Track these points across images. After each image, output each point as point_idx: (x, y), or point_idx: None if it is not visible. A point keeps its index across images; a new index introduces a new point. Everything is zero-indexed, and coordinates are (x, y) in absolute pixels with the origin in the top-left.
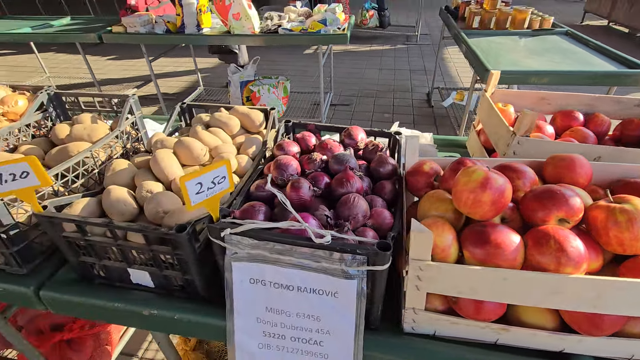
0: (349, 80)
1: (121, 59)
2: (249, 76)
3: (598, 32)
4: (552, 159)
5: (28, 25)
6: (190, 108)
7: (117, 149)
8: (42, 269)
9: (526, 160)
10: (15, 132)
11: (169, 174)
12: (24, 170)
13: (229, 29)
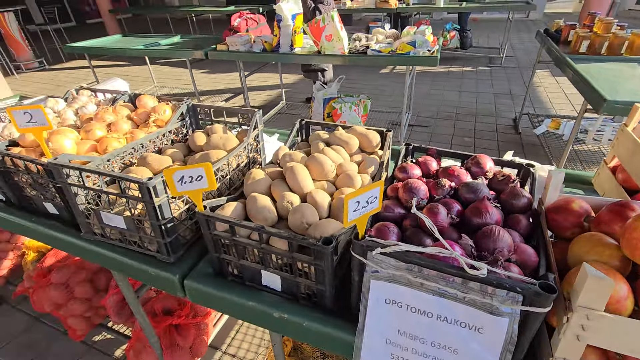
0: (427, 102)
1: (213, 73)
2: (332, 94)
3: None
4: None
5: (142, 42)
6: (307, 125)
7: (244, 158)
8: (184, 260)
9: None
10: (161, 136)
11: (304, 187)
12: (199, 174)
13: (320, 49)
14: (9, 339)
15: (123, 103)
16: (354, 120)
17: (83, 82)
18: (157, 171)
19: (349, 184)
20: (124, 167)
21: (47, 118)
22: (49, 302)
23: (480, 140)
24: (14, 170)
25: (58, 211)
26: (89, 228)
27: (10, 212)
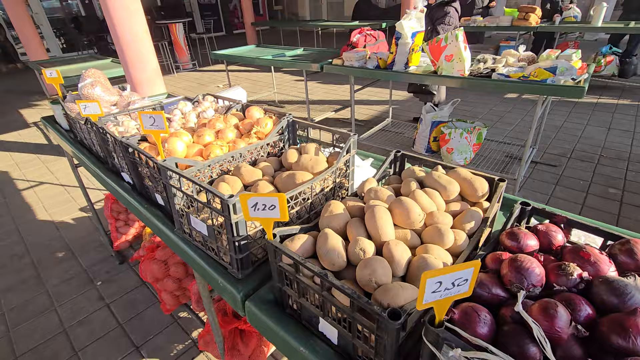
0: (560, 136)
1: (327, 83)
2: (443, 117)
3: None
4: None
5: (270, 53)
6: (403, 157)
7: (330, 183)
8: (250, 279)
9: None
10: (259, 148)
11: (382, 235)
12: (273, 203)
13: (437, 69)
14: (122, 293)
15: (235, 112)
16: (464, 149)
17: (220, 83)
18: (247, 182)
19: (438, 240)
20: (221, 174)
21: (165, 123)
22: (150, 274)
23: (633, 195)
24: (139, 162)
25: (164, 204)
26: (181, 226)
27: (132, 195)
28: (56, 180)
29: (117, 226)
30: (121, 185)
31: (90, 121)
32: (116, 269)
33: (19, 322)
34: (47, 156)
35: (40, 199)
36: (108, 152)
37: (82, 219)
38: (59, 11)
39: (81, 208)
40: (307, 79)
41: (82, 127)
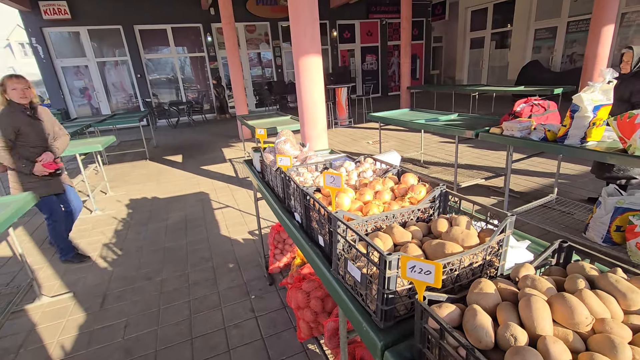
0: None
1: (478, 148)
2: (633, 204)
3: None
4: None
5: (423, 117)
6: (570, 249)
7: (478, 258)
8: (391, 331)
9: None
10: (410, 212)
11: (538, 327)
12: (429, 269)
13: (627, 148)
14: (267, 311)
15: (391, 175)
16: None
17: (370, 139)
18: (397, 242)
19: (609, 352)
20: (375, 229)
21: (342, 183)
22: (295, 300)
23: None
24: (312, 207)
25: (324, 245)
26: (337, 267)
27: (300, 232)
28: (237, 205)
29: (275, 253)
30: (292, 222)
31: (280, 170)
32: (266, 288)
33: (198, 310)
34: (233, 186)
35: (225, 219)
36: (287, 195)
37: (248, 240)
38: (258, 77)
39: (249, 231)
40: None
41: (273, 172)
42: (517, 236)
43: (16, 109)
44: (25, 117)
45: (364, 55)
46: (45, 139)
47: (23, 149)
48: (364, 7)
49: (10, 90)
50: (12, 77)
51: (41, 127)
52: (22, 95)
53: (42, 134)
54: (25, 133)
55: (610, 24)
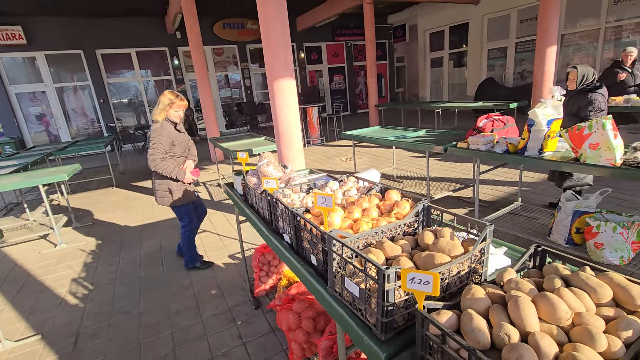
0: None
1: (447, 161)
2: (589, 207)
3: None
4: None
5: (394, 134)
6: (544, 252)
7: (465, 267)
8: (392, 342)
9: None
10: (397, 227)
11: (527, 325)
12: (427, 280)
13: (579, 157)
14: (256, 336)
15: (375, 193)
16: (619, 246)
17: (343, 157)
18: (388, 256)
19: (588, 342)
20: (366, 246)
21: (334, 204)
22: (285, 322)
23: None
24: (302, 227)
25: (317, 264)
26: (333, 285)
27: (291, 253)
28: (214, 229)
29: (260, 275)
30: (282, 243)
31: (267, 192)
32: (252, 312)
33: (182, 341)
34: (210, 210)
35: (203, 244)
36: (274, 216)
37: (230, 264)
38: (227, 99)
39: (230, 255)
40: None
41: (257, 195)
42: (495, 243)
43: (169, 124)
44: (174, 130)
45: (332, 75)
46: (184, 149)
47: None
48: (330, 30)
49: (174, 110)
50: (178, 98)
51: (183, 139)
52: (180, 117)
53: (183, 146)
54: (176, 145)
55: (552, 44)
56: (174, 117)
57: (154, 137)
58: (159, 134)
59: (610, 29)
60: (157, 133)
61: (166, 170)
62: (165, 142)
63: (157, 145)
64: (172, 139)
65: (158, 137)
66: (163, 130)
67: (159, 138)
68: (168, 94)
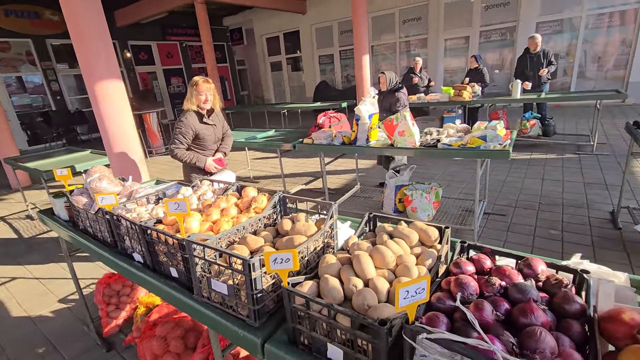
0: (505, 189)
1: (298, 157)
2: (404, 181)
3: None
4: None
5: (244, 136)
6: (375, 218)
7: (320, 243)
8: (265, 327)
9: None
10: (258, 221)
11: (367, 274)
12: (288, 257)
13: (393, 143)
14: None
15: (232, 192)
16: (425, 207)
17: None
18: (252, 249)
19: (407, 274)
20: (229, 244)
21: (188, 207)
22: (150, 351)
23: (571, 234)
24: (156, 241)
25: (178, 275)
26: (200, 291)
27: (146, 272)
28: (30, 274)
29: (108, 311)
30: (133, 265)
31: (103, 211)
32: (103, 356)
33: None
34: (18, 250)
35: (13, 295)
36: (119, 237)
37: (61, 310)
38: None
39: (60, 299)
40: (280, 155)
41: (92, 216)
42: (341, 220)
43: (193, 115)
44: (198, 122)
45: (168, 77)
46: (213, 142)
47: (199, 149)
48: (159, 28)
49: (198, 97)
50: (202, 80)
51: (210, 132)
52: (206, 101)
53: (212, 139)
54: (201, 137)
55: (365, 53)
56: (200, 104)
57: (175, 128)
58: (177, 125)
59: (403, 42)
60: (177, 124)
61: (184, 156)
62: (185, 133)
63: (176, 135)
64: (196, 131)
65: (177, 127)
66: (184, 120)
67: (179, 129)
68: (194, 78)
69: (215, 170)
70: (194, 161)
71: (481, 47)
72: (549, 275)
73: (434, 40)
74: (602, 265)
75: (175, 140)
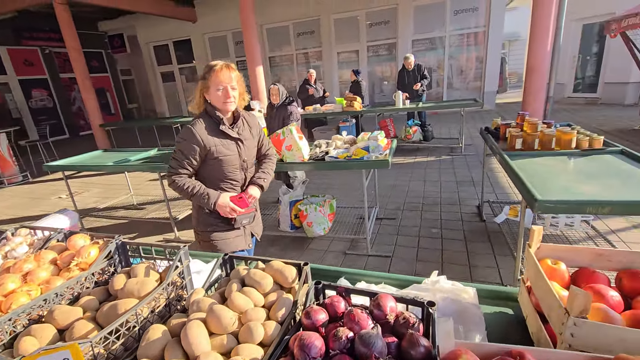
0: (394, 194)
1: None
2: (298, 196)
3: None
4: None
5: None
6: (231, 259)
7: (162, 301)
8: None
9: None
10: (82, 280)
11: (196, 350)
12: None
13: (282, 158)
14: None
15: (55, 243)
16: (320, 220)
17: (63, 194)
18: (62, 327)
19: (249, 338)
20: (29, 324)
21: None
22: None
23: (447, 230)
24: None
25: None
26: None
27: None
28: None
29: None
30: None
31: None
32: None
33: None
34: None
35: None
36: None
37: None
38: None
39: None
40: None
41: None
42: (209, 258)
43: (209, 120)
44: (215, 131)
45: (28, 89)
46: (243, 167)
47: (210, 180)
48: (10, 31)
49: (214, 93)
50: (228, 69)
51: (239, 148)
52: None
53: (237, 159)
54: (216, 157)
55: (259, 65)
56: (219, 103)
57: (176, 142)
58: (180, 137)
59: (300, 54)
60: (180, 135)
61: (183, 187)
62: (186, 151)
63: (174, 155)
64: (207, 148)
65: (179, 141)
66: (190, 130)
67: (180, 143)
68: (210, 63)
69: (234, 215)
70: (196, 197)
71: (370, 60)
72: (398, 314)
73: (328, 53)
74: (455, 282)
75: (171, 164)
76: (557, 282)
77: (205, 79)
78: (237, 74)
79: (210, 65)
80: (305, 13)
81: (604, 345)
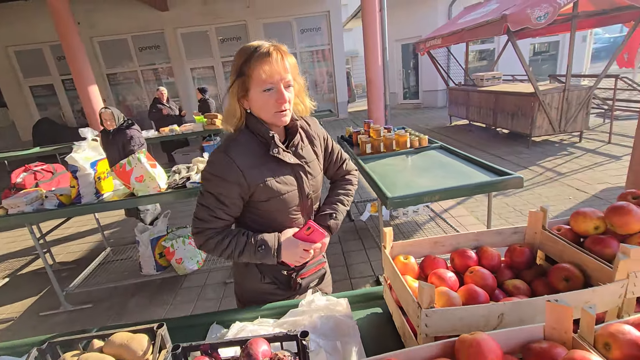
0: None
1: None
2: (160, 231)
3: (463, 129)
4: (461, 344)
5: None
6: (52, 346)
7: None
8: None
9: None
10: None
11: None
12: None
13: (133, 191)
14: None
15: None
16: (192, 254)
17: None
18: None
19: None
20: None
21: None
22: None
23: None
24: None
25: None
26: None
27: None
28: None
29: None
30: None
31: None
32: None
33: None
34: None
35: None
36: None
37: None
38: None
39: None
40: None
41: None
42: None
43: (257, 141)
44: (270, 159)
45: None
46: (303, 206)
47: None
48: None
49: (258, 92)
50: (278, 53)
51: (300, 180)
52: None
53: (295, 196)
54: (267, 199)
55: (92, 84)
56: (267, 114)
57: (203, 180)
58: (209, 171)
59: (147, 71)
60: (208, 169)
61: (226, 247)
62: (223, 194)
63: (204, 198)
64: (251, 185)
65: (207, 179)
66: (224, 158)
67: (210, 182)
68: (247, 45)
69: (309, 257)
70: (247, 255)
71: (227, 76)
72: (272, 357)
73: (179, 69)
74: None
75: (199, 215)
76: (410, 275)
77: (243, 75)
78: (293, 62)
79: (249, 48)
80: (145, 26)
81: (450, 327)
